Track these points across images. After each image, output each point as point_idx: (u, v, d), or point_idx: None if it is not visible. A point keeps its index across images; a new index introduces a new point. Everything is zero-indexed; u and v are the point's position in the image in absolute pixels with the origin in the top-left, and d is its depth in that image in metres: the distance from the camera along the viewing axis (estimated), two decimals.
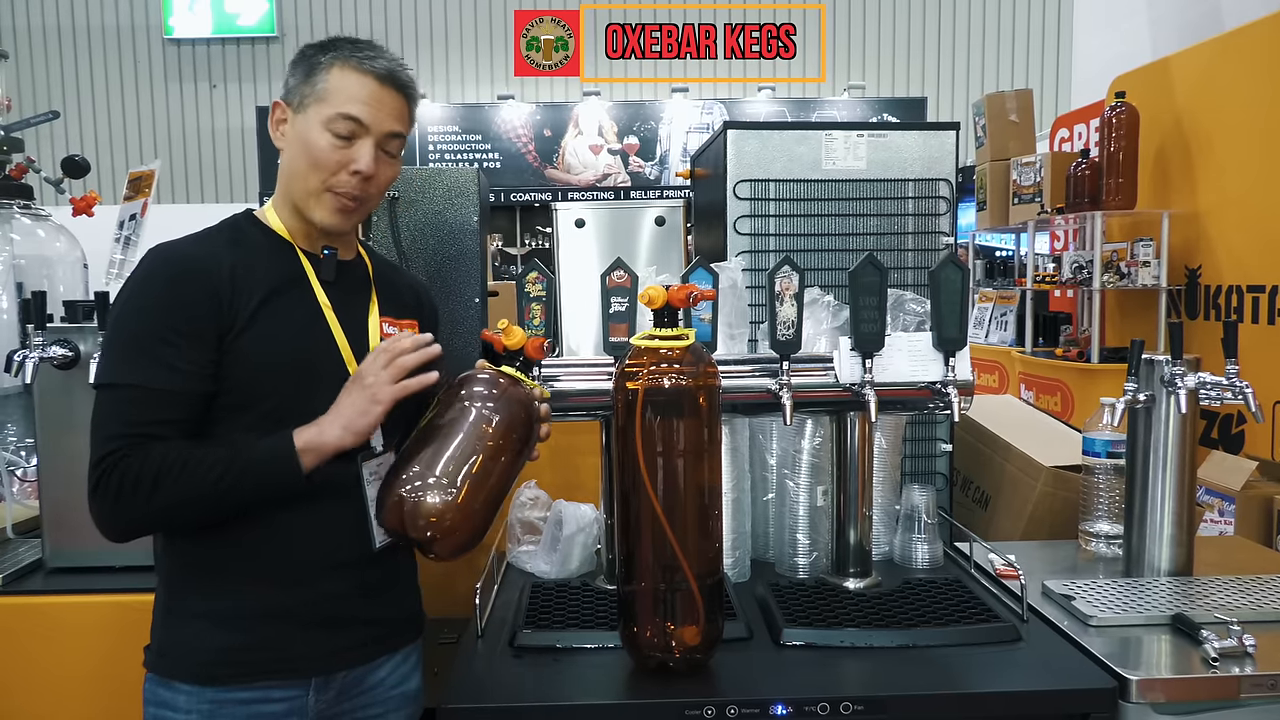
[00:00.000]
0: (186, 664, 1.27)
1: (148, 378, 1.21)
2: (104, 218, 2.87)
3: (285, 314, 1.29)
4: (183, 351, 1.22)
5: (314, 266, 1.35)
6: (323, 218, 1.32)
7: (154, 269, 1.26)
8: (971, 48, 9.59)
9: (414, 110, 1.39)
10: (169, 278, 1.25)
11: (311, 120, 1.30)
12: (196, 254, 1.28)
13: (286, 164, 1.34)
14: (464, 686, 1.30)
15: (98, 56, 9.29)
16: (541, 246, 8.83)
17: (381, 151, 1.33)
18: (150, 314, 1.23)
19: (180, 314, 1.23)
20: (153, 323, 1.23)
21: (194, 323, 1.23)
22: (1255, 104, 3.14)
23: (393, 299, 1.45)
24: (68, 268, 2.67)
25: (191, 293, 1.24)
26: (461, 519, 1.22)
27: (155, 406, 1.21)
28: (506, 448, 1.27)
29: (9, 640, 1.68)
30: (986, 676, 1.34)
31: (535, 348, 1.35)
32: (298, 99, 1.32)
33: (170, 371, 1.21)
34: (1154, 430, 1.67)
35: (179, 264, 1.26)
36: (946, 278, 1.56)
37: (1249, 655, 1.31)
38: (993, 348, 4.36)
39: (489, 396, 1.28)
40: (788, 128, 1.96)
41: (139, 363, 1.22)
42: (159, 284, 1.25)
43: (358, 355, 1.34)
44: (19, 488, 2.17)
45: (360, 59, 1.30)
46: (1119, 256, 3.58)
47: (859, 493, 1.66)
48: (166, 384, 1.21)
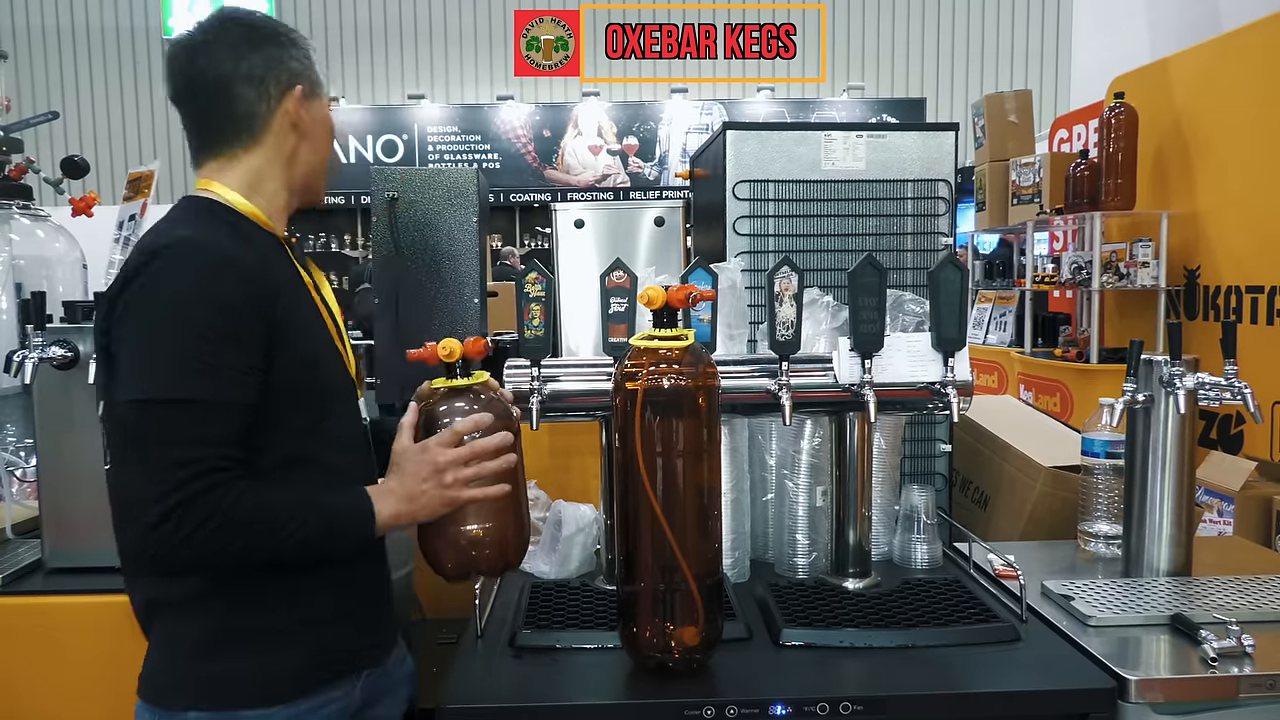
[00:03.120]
0: (251, 688, 1.19)
1: (202, 389, 1.10)
2: (103, 218, 2.87)
3: (299, 312, 1.25)
4: (235, 356, 1.13)
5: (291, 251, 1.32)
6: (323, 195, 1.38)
7: (189, 263, 1.14)
8: (971, 48, 9.61)
9: None
10: (211, 273, 1.14)
11: (326, 105, 1.34)
12: (234, 250, 1.18)
13: (309, 149, 1.31)
14: (464, 686, 1.30)
15: (97, 57, 9.30)
16: (541, 247, 8.84)
17: None
18: (195, 315, 1.12)
19: (229, 313, 1.13)
20: (197, 325, 1.12)
21: (242, 322, 1.14)
22: (1254, 104, 3.15)
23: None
24: (67, 268, 2.67)
25: (234, 289, 1.14)
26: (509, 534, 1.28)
27: (216, 422, 1.11)
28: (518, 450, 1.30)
29: (9, 640, 1.68)
30: (985, 677, 1.34)
31: (476, 350, 1.29)
32: (308, 84, 1.30)
33: (222, 378, 1.12)
34: (1153, 430, 1.67)
35: (219, 258, 1.15)
36: (946, 278, 1.57)
37: (1248, 655, 1.32)
38: (992, 348, 4.36)
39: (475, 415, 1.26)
40: (787, 128, 1.96)
41: (188, 371, 1.10)
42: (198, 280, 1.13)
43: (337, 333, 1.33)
44: (18, 488, 2.17)
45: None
46: (1118, 257, 3.59)
47: (858, 493, 1.66)
48: (222, 393, 1.11)
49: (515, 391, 1.57)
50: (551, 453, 2.00)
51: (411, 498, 1.22)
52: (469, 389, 1.28)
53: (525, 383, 1.56)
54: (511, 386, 1.57)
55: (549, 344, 1.59)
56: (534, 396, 1.55)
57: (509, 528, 1.28)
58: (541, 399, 1.56)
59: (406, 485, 1.22)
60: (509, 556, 1.30)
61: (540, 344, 1.57)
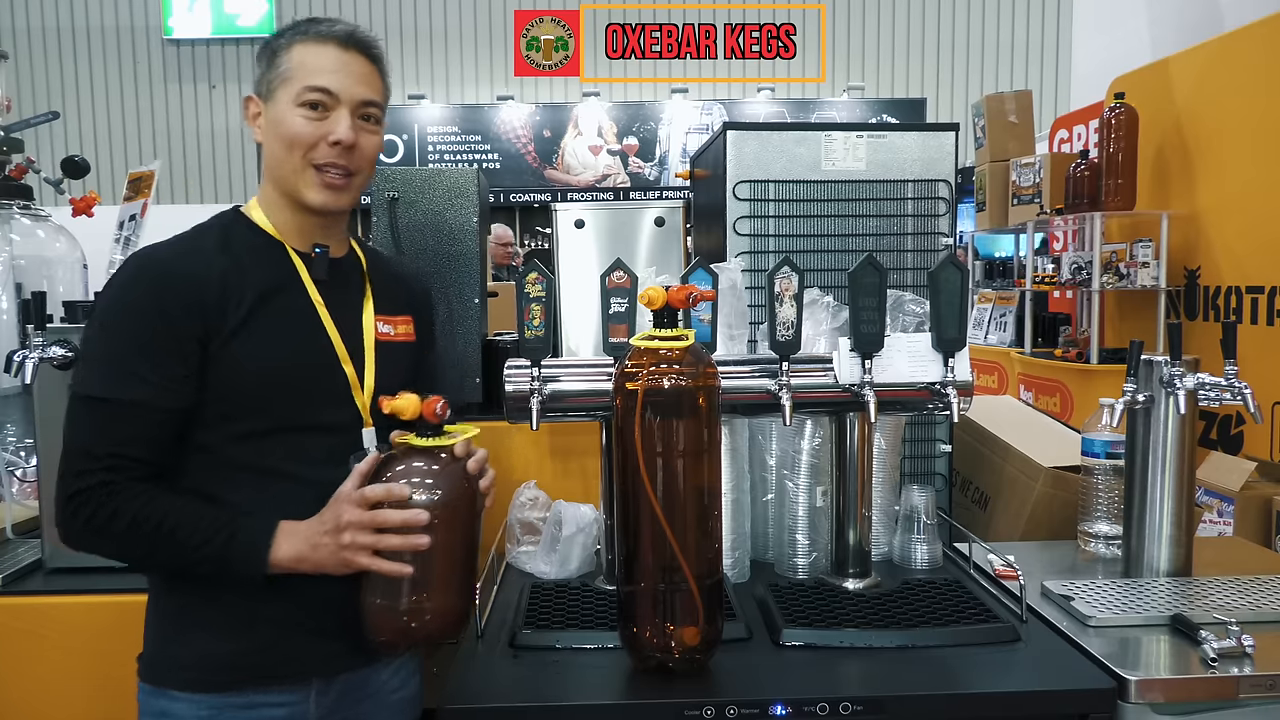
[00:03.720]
0: (184, 672, 1.25)
1: (119, 390, 1.18)
2: (104, 218, 2.87)
3: (279, 318, 1.27)
4: (157, 364, 1.19)
5: (306, 266, 1.32)
6: (314, 197, 1.29)
7: (134, 275, 1.23)
8: (971, 49, 9.60)
9: (385, 75, 1.36)
10: (149, 286, 1.21)
11: (281, 103, 1.28)
12: (179, 260, 1.25)
13: (267, 155, 1.32)
14: (463, 687, 1.30)
15: (97, 57, 9.30)
16: (541, 247, 8.83)
17: (359, 120, 1.30)
18: (126, 324, 1.20)
19: (157, 324, 1.19)
20: (128, 333, 1.20)
21: (172, 334, 1.19)
22: (1255, 105, 3.14)
23: (387, 295, 1.42)
24: (67, 268, 2.67)
25: (171, 301, 1.20)
26: (448, 604, 1.21)
27: (127, 422, 1.19)
28: (457, 525, 1.22)
29: (9, 640, 1.68)
30: (985, 677, 1.34)
31: (430, 411, 1.21)
32: (265, 87, 1.30)
33: (142, 384, 1.18)
34: (1153, 431, 1.67)
35: (160, 270, 1.23)
36: (946, 278, 1.57)
37: (1248, 655, 1.32)
38: (992, 348, 4.36)
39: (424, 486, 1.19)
40: (787, 128, 1.96)
41: (111, 374, 1.19)
42: (138, 291, 1.21)
43: (353, 357, 1.32)
44: (19, 488, 2.17)
45: (317, 30, 1.29)
46: (1118, 257, 3.59)
47: (858, 493, 1.66)
48: (138, 397, 1.18)
49: (515, 392, 1.57)
50: (551, 453, 2.00)
51: (314, 545, 1.20)
52: (429, 450, 1.22)
53: (525, 383, 1.56)
54: (512, 386, 1.57)
55: (549, 344, 1.59)
56: (534, 396, 1.55)
57: (432, 600, 1.19)
58: (542, 399, 1.56)
59: (313, 530, 1.21)
60: (430, 629, 1.21)
61: (541, 344, 1.57)
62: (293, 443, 1.26)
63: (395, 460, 1.22)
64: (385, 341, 1.38)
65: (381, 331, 1.38)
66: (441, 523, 1.19)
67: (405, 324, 1.43)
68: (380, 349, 1.36)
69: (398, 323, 1.41)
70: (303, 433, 1.27)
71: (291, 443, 1.26)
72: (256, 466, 1.25)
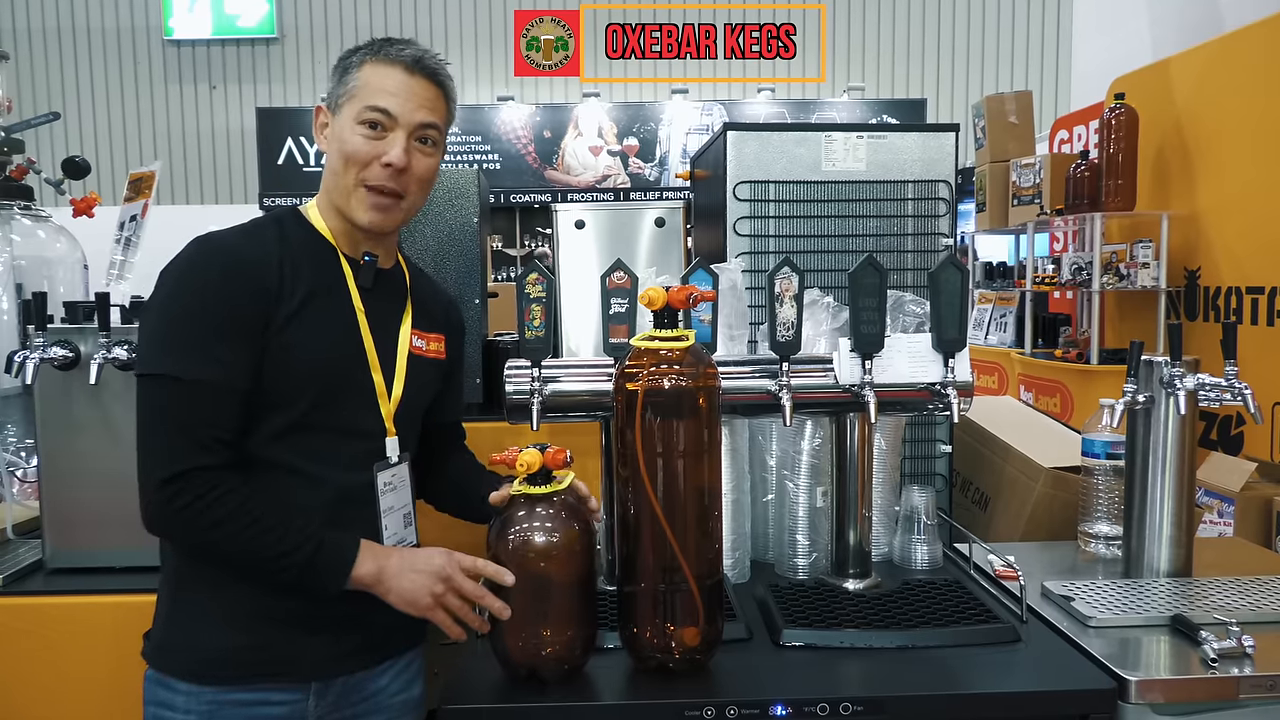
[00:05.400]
0: (186, 661, 1.27)
1: (203, 373, 1.20)
2: (104, 219, 2.87)
3: (323, 317, 1.30)
4: (232, 346, 1.22)
5: (353, 271, 1.35)
6: (361, 216, 1.33)
7: (205, 260, 1.26)
8: (971, 49, 9.60)
9: (451, 99, 1.40)
10: (220, 270, 1.24)
11: (344, 118, 1.32)
12: (247, 247, 1.28)
13: (328, 165, 1.36)
14: (464, 687, 1.30)
15: (98, 58, 9.29)
16: (541, 247, 8.83)
17: (416, 144, 1.33)
18: (202, 307, 1.22)
19: (231, 307, 1.22)
20: (200, 314, 1.22)
21: (239, 318, 1.23)
22: (1255, 105, 3.14)
23: (425, 312, 1.46)
24: (68, 269, 2.68)
25: (241, 286, 1.23)
26: (576, 634, 1.31)
27: (213, 406, 1.21)
28: (578, 565, 1.31)
29: (9, 641, 1.68)
30: (986, 677, 1.34)
31: (556, 461, 1.32)
32: (333, 101, 1.34)
33: (222, 366, 1.21)
34: (1153, 431, 1.67)
35: (230, 256, 1.26)
36: (946, 279, 1.57)
37: (1248, 656, 1.32)
38: (992, 349, 4.36)
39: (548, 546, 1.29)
40: (787, 129, 1.97)
41: (194, 357, 1.21)
42: (210, 275, 1.24)
43: (384, 366, 1.35)
44: (19, 488, 2.17)
45: (389, 52, 1.32)
46: (1118, 258, 3.59)
47: (858, 494, 1.66)
48: (220, 380, 1.21)
49: (516, 392, 1.57)
50: None
51: (401, 574, 1.25)
52: (547, 496, 1.31)
53: (526, 383, 1.56)
54: (512, 387, 1.58)
55: (550, 344, 1.59)
56: (534, 397, 1.55)
57: (558, 633, 1.29)
58: (542, 399, 1.56)
59: (407, 562, 1.26)
60: (561, 656, 1.30)
61: (541, 344, 1.57)
62: (313, 441, 1.28)
63: (526, 507, 1.30)
64: (418, 355, 1.41)
65: (415, 345, 1.41)
66: (562, 561, 1.28)
67: (438, 341, 1.47)
68: (412, 362, 1.40)
69: (431, 339, 1.45)
70: (325, 433, 1.29)
71: (311, 441, 1.28)
72: (272, 460, 1.27)
